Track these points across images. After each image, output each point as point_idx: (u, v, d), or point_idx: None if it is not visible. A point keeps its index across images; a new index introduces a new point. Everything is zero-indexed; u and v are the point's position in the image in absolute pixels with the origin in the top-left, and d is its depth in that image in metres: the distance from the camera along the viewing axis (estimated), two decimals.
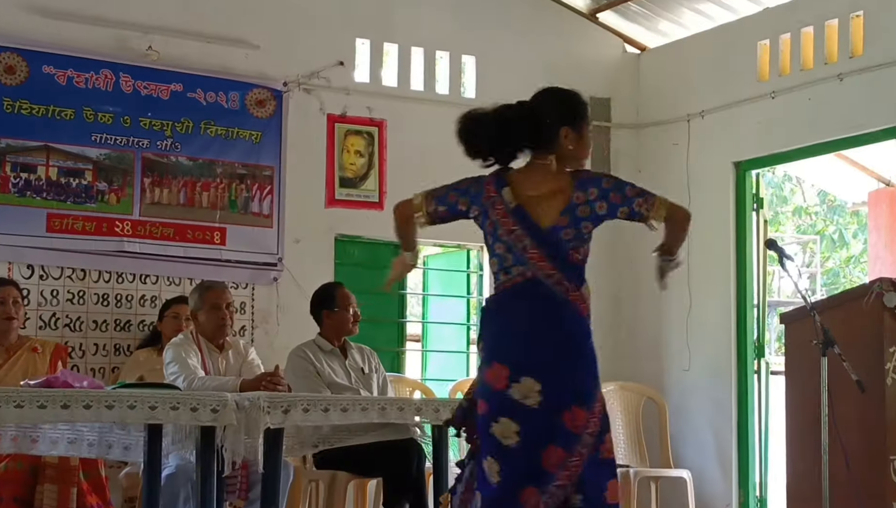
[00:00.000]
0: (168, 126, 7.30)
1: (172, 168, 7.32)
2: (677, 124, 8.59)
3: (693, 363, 8.33)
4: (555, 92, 4.24)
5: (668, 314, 8.57)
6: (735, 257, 8.17)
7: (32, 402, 4.35)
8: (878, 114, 7.32)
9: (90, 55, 7.12)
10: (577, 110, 4.20)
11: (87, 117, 7.07)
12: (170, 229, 7.25)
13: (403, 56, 8.27)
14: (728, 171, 8.23)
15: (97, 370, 7.01)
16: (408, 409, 5.31)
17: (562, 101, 4.21)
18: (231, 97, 7.49)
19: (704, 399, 8.28)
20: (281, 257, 7.59)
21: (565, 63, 8.78)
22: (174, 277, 7.28)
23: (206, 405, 4.62)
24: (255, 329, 7.49)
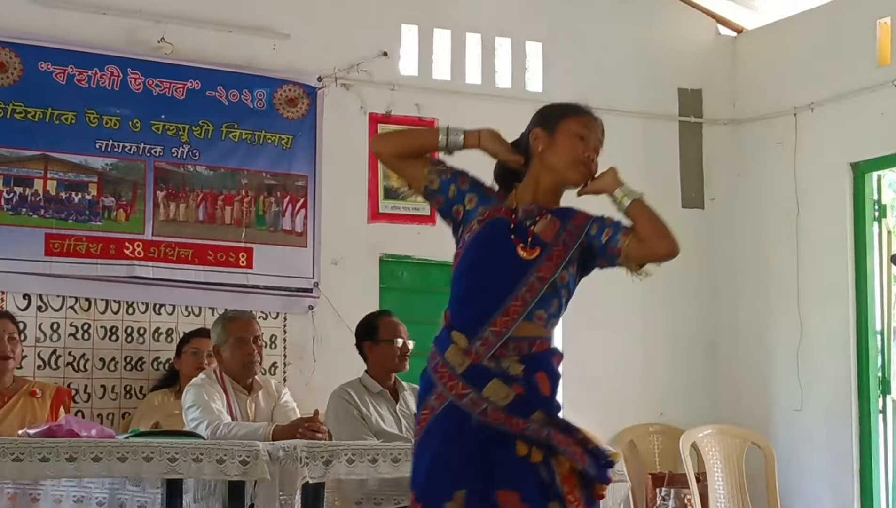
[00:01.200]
0: (184, 130, 7.36)
1: (190, 179, 7.38)
2: (782, 119, 8.55)
3: (805, 401, 8.27)
4: None
5: (774, 345, 8.51)
6: (854, 276, 8.10)
7: (33, 454, 4.37)
8: None
9: (94, 49, 7.19)
10: (553, 109, 4.03)
11: (90, 121, 7.14)
12: (187, 250, 7.31)
13: (457, 44, 8.30)
14: (843, 173, 8.17)
15: (105, 416, 7.06)
16: None
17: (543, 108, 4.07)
18: (257, 96, 7.54)
19: (819, 444, 8.20)
20: (317, 282, 7.62)
21: (647, 50, 8.78)
22: (193, 306, 7.33)
23: (234, 457, 4.63)
24: (288, 366, 7.51)
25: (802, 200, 8.32)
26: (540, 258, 3.82)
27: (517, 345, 3.78)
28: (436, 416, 3.79)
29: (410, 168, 4.02)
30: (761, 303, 8.62)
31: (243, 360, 5.92)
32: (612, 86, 8.60)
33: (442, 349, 3.82)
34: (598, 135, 3.99)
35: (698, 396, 8.61)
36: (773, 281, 8.59)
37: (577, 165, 3.92)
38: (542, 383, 3.79)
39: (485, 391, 3.73)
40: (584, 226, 3.89)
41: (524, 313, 3.77)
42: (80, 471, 4.48)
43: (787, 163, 8.45)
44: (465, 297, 3.87)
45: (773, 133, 8.61)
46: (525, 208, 3.91)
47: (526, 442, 3.72)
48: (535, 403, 3.76)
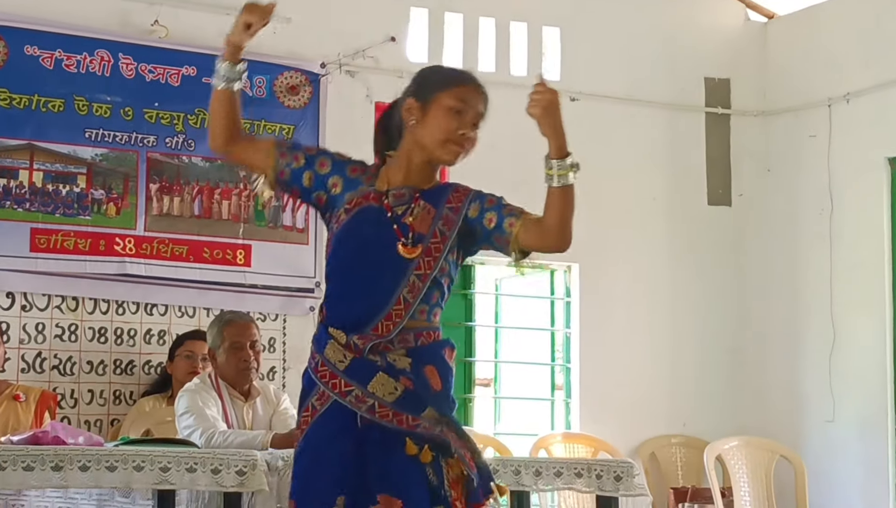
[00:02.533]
0: (179, 119, 7.38)
1: (185, 171, 7.39)
2: (815, 111, 8.55)
3: (838, 412, 8.26)
4: None
5: (805, 352, 8.51)
6: (891, 277, 8.11)
7: (16, 462, 4.37)
8: None
9: (83, 32, 7.20)
10: (428, 76, 3.90)
11: (79, 109, 7.16)
12: (182, 247, 7.33)
13: (470, 29, 8.30)
14: (881, 169, 8.18)
15: (93, 423, 7.08)
16: None
17: (420, 72, 3.94)
18: (257, 82, 7.55)
19: (853, 458, 8.20)
20: (319, 282, 7.62)
21: (672, 35, 8.78)
22: (187, 306, 7.35)
23: (230, 467, 4.62)
24: (288, 371, 7.52)
25: (836, 197, 8.32)
26: (420, 256, 3.73)
27: (402, 337, 3.71)
28: (317, 417, 3.72)
29: (246, 153, 3.87)
30: (792, 307, 8.61)
31: (238, 366, 5.91)
32: (634, 74, 8.60)
33: (320, 348, 3.73)
34: (479, 107, 3.84)
35: (724, 405, 8.60)
36: (804, 283, 8.59)
37: (449, 144, 3.78)
38: (431, 377, 3.73)
39: (369, 387, 3.66)
40: (461, 210, 3.78)
41: (407, 315, 3.70)
42: (67, 481, 4.47)
43: (820, 157, 8.44)
44: (340, 297, 3.78)
45: (805, 126, 8.61)
46: (396, 192, 3.79)
47: (416, 441, 3.66)
48: (426, 398, 3.69)
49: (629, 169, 8.32)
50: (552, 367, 8.60)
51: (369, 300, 3.71)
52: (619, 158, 8.28)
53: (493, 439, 7.96)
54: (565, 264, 8.48)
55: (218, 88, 3.83)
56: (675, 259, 8.70)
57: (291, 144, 3.92)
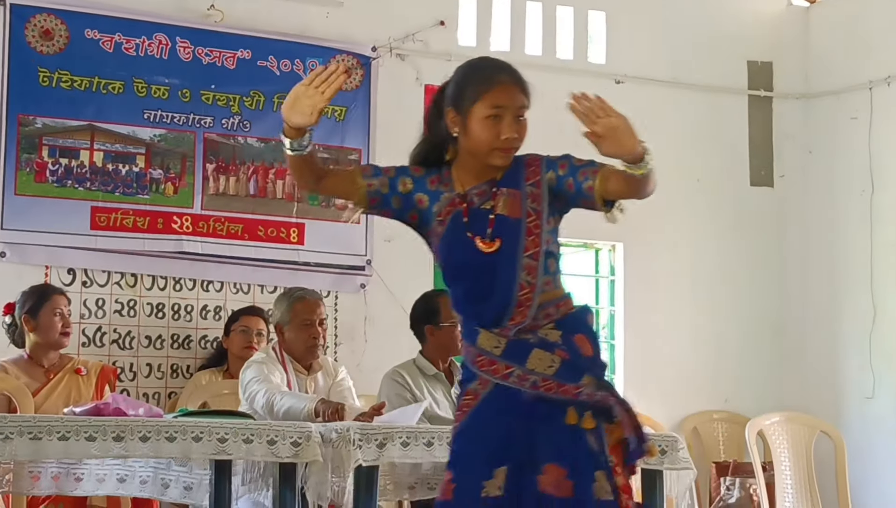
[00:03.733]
0: (235, 101, 7.40)
1: (240, 151, 7.41)
2: (856, 94, 8.49)
3: (878, 389, 8.22)
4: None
5: (845, 328, 8.46)
6: None
7: (80, 433, 4.40)
8: None
9: (142, 17, 7.24)
10: (462, 82, 3.83)
11: (138, 91, 7.19)
12: (237, 225, 7.35)
13: (517, 14, 8.28)
14: None
15: (151, 396, 7.13)
16: None
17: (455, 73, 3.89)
18: (310, 65, 7.54)
19: (892, 434, 8.15)
20: (370, 260, 7.64)
21: (715, 19, 8.74)
22: (242, 283, 7.37)
23: (285, 438, 4.64)
24: (339, 346, 7.54)
25: (877, 178, 8.26)
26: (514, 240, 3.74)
27: (545, 312, 3.75)
28: (481, 399, 3.77)
29: (335, 186, 3.89)
30: (833, 285, 8.55)
31: (307, 343, 5.96)
32: (678, 58, 8.56)
33: (472, 340, 3.79)
34: (517, 101, 3.79)
35: (765, 382, 8.57)
36: (845, 262, 8.53)
37: (495, 152, 3.76)
38: (581, 344, 3.76)
39: (528, 364, 3.71)
40: (541, 184, 3.79)
41: (536, 295, 3.73)
42: (128, 451, 4.49)
43: (861, 139, 8.38)
44: (469, 301, 3.83)
45: (847, 108, 8.55)
46: (477, 190, 3.80)
47: (577, 409, 3.69)
48: (582, 365, 3.73)
49: (673, 150, 8.26)
50: None
51: (495, 300, 3.75)
52: (663, 139, 8.17)
53: None
54: (610, 244, 8.46)
55: (292, 155, 3.74)
56: (717, 239, 8.65)
57: (373, 170, 3.90)
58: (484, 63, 3.89)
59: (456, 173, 3.85)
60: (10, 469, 5.09)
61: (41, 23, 7.02)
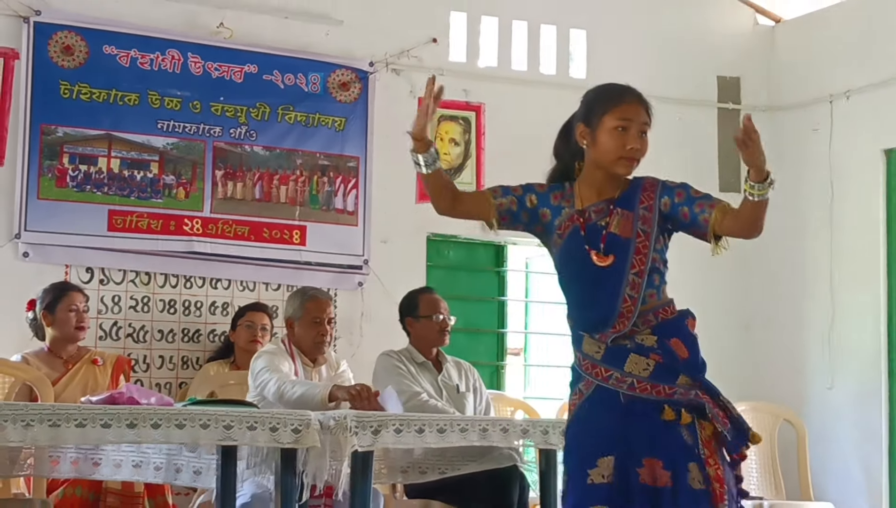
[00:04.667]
0: (242, 112, 7.40)
1: (247, 159, 7.42)
2: (818, 106, 8.49)
3: (837, 380, 8.23)
4: None
5: (807, 326, 8.47)
6: (886, 260, 8.04)
7: (96, 420, 4.39)
8: None
9: (155, 34, 7.24)
10: (592, 100, 3.97)
11: (152, 102, 7.19)
12: (244, 227, 7.36)
13: (504, 32, 8.28)
14: (877, 160, 8.11)
15: (163, 385, 7.13)
16: (512, 431, 5.28)
17: (584, 96, 4.03)
18: (312, 79, 7.56)
19: (850, 423, 8.16)
20: (367, 259, 7.64)
21: (688, 37, 8.74)
22: (248, 281, 7.38)
23: (286, 425, 4.64)
24: (338, 340, 7.52)
25: (837, 185, 8.27)
26: (624, 259, 3.88)
27: (644, 319, 3.88)
28: (585, 398, 3.91)
29: (469, 208, 4.00)
30: (795, 284, 8.56)
31: (315, 339, 5.98)
32: (653, 73, 8.55)
33: (577, 344, 3.95)
34: (642, 118, 3.95)
35: (733, 373, 8.54)
36: (806, 264, 8.54)
37: (622, 160, 3.91)
38: (677, 348, 3.88)
39: (625, 367, 3.84)
40: (655, 203, 3.95)
41: (636, 308, 3.87)
42: (140, 437, 4.48)
43: (822, 149, 8.39)
44: (578, 307, 3.98)
45: (809, 120, 8.55)
46: (595, 208, 3.93)
47: (673, 407, 3.80)
48: (677, 367, 3.85)
49: (648, 158, 8.18)
50: None
51: (600, 309, 3.89)
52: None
53: (523, 402, 7.94)
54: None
55: (425, 173, 3.93)
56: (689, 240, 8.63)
57: (503, 191, 4.01)
58: (612, 85, 4.03)
59: (579, 189, 3.98)
60: (32, 453, 5.08)
61: (62, 39, 7.02)
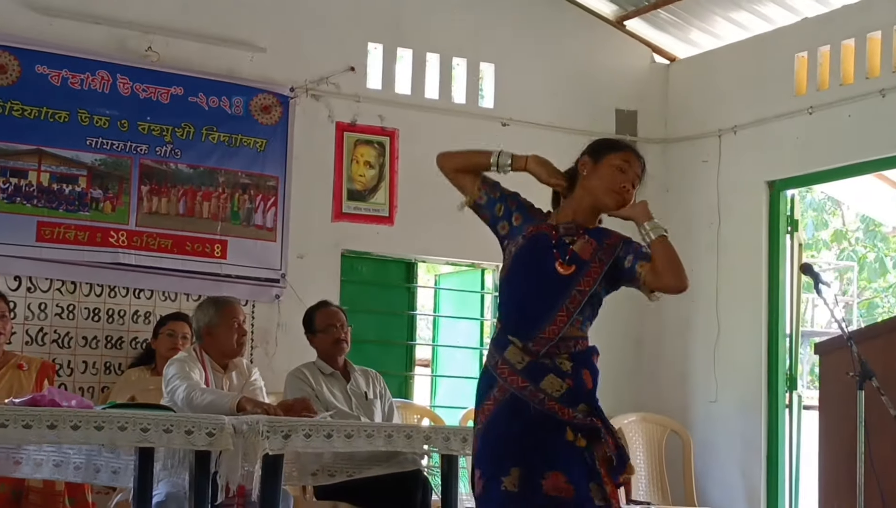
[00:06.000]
0: (168, 131, 7.32)
1: (172, 176, 7.33)
2: (708, 140, 8.59)
3: (720, 394, 8.30)
4: None
5: (694, 342, 8.55)
6: (767, 283, 8.14)
7: (17, 421, 4.33)
8: None
9: (86, 55, 7.14)
10: (602, 142, 4.20)
11: (81, 120, 7.08)
12: (167, 240, 7.27)
13: (418, 62, 8.28)
14: (761, 190, 8.21)
15: (86, 389, 7.01)
16: (416, 437, 5.29)
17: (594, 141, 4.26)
18: (235, 102, 7.51)
19: (732, 434, 8.24)
20: (284, 273, 7.59)
21: (590, 73, 8.80)
22: (170, 292, 7.29)
23: (201, 428, 4.60)
24: (254, 349, 7.48)
25: (724, 213, 8.36)
26: (578, 274, 3.97)
27: (565, 345, 3.95)
28: (499, 405, 3.94)
29: (464, 181, 4.15)
30: (684, 305, 8.60)
31: (238, 339, 5.92)
32: (555, 105, 8.61)
33: (500, 349, 3.97)
34: (637, 170, 4.13)
35: (625, 386, 8.61)
36: (695, 285, 8.44)
37: (612, 193, 4.05)
38: (586, 378, 3.97)
39: (542, 384, 3.90)
40: (615, 246, 4.04)
41: (569, 321, 3.94)
42: (60, 438, 4.44)
43: (710, 180, 8.48)
44: (515, 306, 4.02)
45: (699, 152, 8.64)
46: (566, 225, 4.05)
47: (573, 429, 3.88)
48: (581, 395, 3.93)
49: None
50: (481, 351, 8.58)
51: (539, 310, 3.96)
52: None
53: (430, 411, 7.95)
54: (495, 264, 8.46)
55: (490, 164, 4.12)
56: None
57: (493, 182, 4.17)
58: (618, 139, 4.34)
59: (561, 208, 4.12)
60: None
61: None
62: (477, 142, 6.83)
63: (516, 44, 8.59)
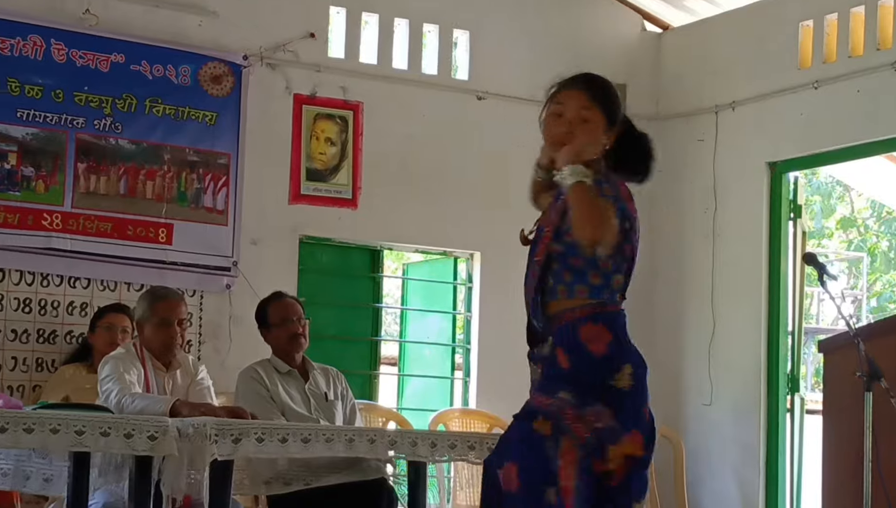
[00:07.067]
0: (107, 103, 7.29)
1: (112, 152, 7.30)
2: (703, 117, 8.62)
3: (715, 396, 8.34)
4: None
5: (687, 340, 8.58)
6: (767, 275, 8.18)
7: None
8: None
9: (17, 17, 7.10)
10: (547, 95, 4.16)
11: (12, 90, 7.06)
12: (107, 223, 7.24)
13: (385, 29, 8.26)
14: (762, 172, 8.25)
15: (15, 388, 6.98)
16: (380, 442, 5.28)
17: None
18: (182, 71, 7.49)
19: (728, 439, 8.28)
20: (236, 261, 7.58)
21: (574, 42, 8.80)
22: (109, 281, 7.28)
23: (142, 431, 4.58)
24: (203, 345, 7.47)
25: (720, 197, 8.39)
26: (535, 244, 3.99)
27: (551, 324, 3.92)
28: None
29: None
30: (676, 297, 8.67)
31: (164, 341, 5.84)
32: (537, 77, 8.52)
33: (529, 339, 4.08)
34: (578, 102, 4.01)
35: None
36: (688, 276, 8.65)
37: (556, 146, 3.96)
38: (560, 358, 3.87)
39: (532, 374, 3.99)
40: None
41: (537, 298, 3.94)
42: None
43: (706, 160, 8.51)
44: None
45: (694, 130, 8.67)
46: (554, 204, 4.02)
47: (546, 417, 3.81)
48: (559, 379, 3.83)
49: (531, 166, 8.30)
50: (453, 348, 8.60)
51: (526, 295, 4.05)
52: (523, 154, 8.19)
53: (396, 413, 7.96)
54: (468, 253, 8.48)
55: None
56: None
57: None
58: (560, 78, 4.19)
59: None
60: None
61: None
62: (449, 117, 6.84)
63: (494, 9, 8.59)
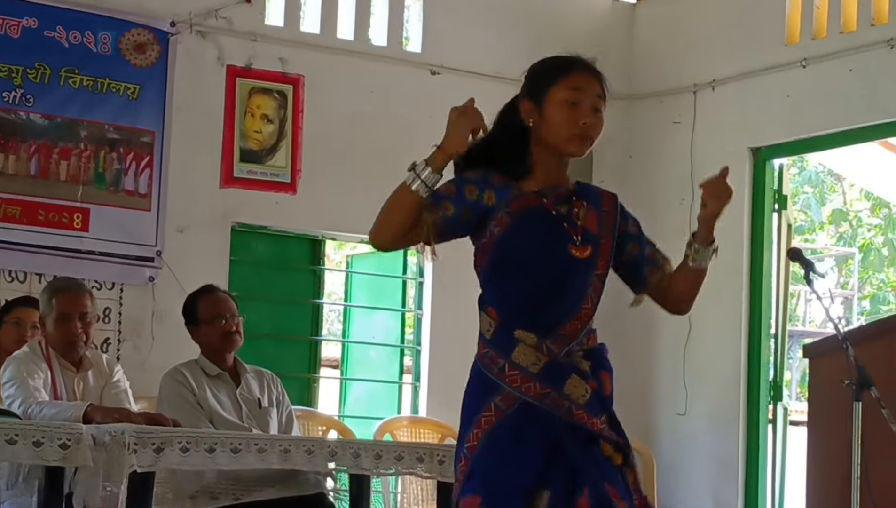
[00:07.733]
0: (18, 73, 7.26)
1: (22, 128, 7.28)
2: (680, 97, 8.65)
3: (691, 406, 8.37)
4: None
5: (659, 343, 8.60)
6: (748, 272, 8.23)
7: None
8: None
9: None
10: (538, 72, 3.92)
11: None
12: (15, 207, 7.22)
13: None
14: (743, 159, 8.29)
15: None
16: (319, 453, 5.28)
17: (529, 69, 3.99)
18: (101, 38, 7.47)
19: (704, 452, 8.32)
20: (160, 251, 7.57)
21: (538, 12, 8.81)
22: (18, 271, 7.25)
23: (53, 439, 4.55)
24: (123, 343, 7.45)
25: (698, 186, 8.40)
26: (595, 255, 3.85)
27: (581, 339, 3.83)
28: (506, 417, 3.76)
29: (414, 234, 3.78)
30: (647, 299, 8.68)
31: (65, 338, 5.76)
32: (496, 51, 8.61)
33: (505, 351, 3.81)
34: (596, 90, 3.91)
35: None
36: None
37: (575, 138, 3.83)
38: (605, 381, 3.86)
39: (565, 389, 3.75)
40: (614, 215, 3.94)
41: (593, 315, 3.86)
42: None
43: (683, 145, 8.54)
44: (528, 298, 3.83)
45: (669, 112, 8.70)
46: (553, 191, 3.86)
47: (608, 443, 3.76)
48: (605, 402, 3.82)
49: None
50: (402, 349, 8.60)
51: (561, 302, 3.80)
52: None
53: (338, 421, 7.95)
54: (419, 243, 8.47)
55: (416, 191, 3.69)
56: None
57: (432, 202, 3.74)
58: (560, 55, 3.94)
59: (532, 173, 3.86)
60: None
61: None
62: (400, 93, 6.84)
63: None
